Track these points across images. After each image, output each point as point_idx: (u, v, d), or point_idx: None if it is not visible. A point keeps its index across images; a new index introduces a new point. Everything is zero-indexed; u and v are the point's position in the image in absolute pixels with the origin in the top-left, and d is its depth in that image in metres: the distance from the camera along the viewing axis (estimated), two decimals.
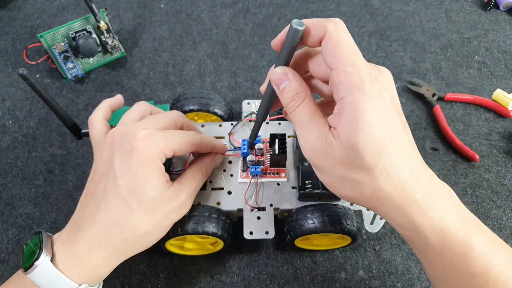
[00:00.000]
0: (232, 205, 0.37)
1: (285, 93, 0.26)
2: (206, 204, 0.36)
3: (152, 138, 0.30)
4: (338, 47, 0.23)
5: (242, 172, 0.38)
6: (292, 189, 0.38)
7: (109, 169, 0.29)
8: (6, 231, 0.41)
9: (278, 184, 0.38)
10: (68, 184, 0.44)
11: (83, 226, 0.29)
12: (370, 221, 0.37)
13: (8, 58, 0.54)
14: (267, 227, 0.35)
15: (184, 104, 0.41)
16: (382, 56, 0.56)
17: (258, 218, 0.36)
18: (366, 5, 0.61)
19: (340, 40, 0.23)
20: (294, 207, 0.37)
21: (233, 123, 0.42)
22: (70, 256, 0.28)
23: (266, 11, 0.60)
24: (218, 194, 0.37)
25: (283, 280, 0.39)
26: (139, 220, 0.29)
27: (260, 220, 0.36)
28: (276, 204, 0.37)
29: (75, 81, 0.52)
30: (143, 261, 0.39)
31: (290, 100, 0.26)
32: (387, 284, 0.39)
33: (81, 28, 0.49)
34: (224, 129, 0.42)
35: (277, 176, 0.38)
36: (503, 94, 0.50)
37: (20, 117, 0.49)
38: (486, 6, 0.61)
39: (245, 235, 0.35)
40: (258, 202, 0.37)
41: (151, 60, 0.54)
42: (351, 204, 0.37)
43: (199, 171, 0.34)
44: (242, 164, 0.38)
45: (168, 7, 0.60)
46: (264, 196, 0.37)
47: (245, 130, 0.41)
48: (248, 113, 0.42)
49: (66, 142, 0.47)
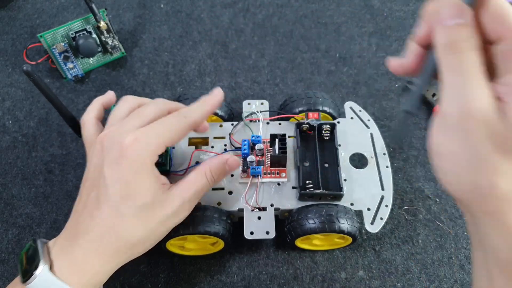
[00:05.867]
0: (233, 205, 0.37)
1: (457, 29, 0.19)
2: (207, 204, 0.36)
3: (140, 142, 0.29)
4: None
5: (242, 172, 0.38)
6: (293, 189, 0.38)
7: (100, 177, 0.29)
8: (6, 231, 0.41)
9: (278, 184, 0.38)
10: (68, 184, 0.44)
11: (79, 234, 0.28)
12: (370, 221, 0.37)
13: (8, 58, 0.54)
14: (268, 227, 0.36)
15: (185, 104, 0.41)
16: (382, 56, 0.56)
17: (258, 218, 0.36)
18: (366, 5, 0.61)
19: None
20: (295, 207, 0.37)
21: (233, 123, 0.42)
22: (68, 264, 0.28)
23: (266, 11, 0.60)
24: (218, 194, 0.37)
25: (283, 280, 0.39)
26: (132, 228, 0.29)
27: (260, 220, 0.36)
28: (276, 204, 0.37)
29: (75, 81, 0.52)
30: (143, 261, 0.39)
31: (463, 35, 0.19)
32: (387, 284, 0.39)
33: (81, 28, 0.49)
34: (225, 129, 0.42)
35: (277, 176, 0.38)
36: None
37: (20, 117, 0.49)
38: None
39: (245, 235, 0.35)
40: (259, 202, 0.37)
41: (151, 60, 0.54)
42: (351, 204, 0.37)
43: (203, 175, 0.32)
44: (243, 164, 0.38)
45: (168, 7, 0.60)
46: (264, 196, 0.37)
47: (246, 130, 0.41)
48: (248, 113, 0.42)
49: (66, 142, 0.47)
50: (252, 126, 0.41)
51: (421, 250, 0.41)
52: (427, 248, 0.41)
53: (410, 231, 0.42)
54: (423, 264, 0.40)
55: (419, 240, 0.41)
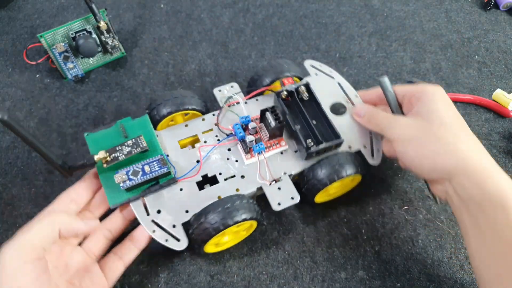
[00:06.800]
0: (251, 187, 0.38)
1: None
2: (226, 194, 0.37)
3: None
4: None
5: (246, 154, 0.39)
6: (295, 153, 0.40)
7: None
8: (6, 231, 0.41)
9: (281, 153, 0.40)
10: (68, 184, 0.44)
11: None
12: (370, 156, 0.41)
13: (8, 58, 0.54)
14: (290, 193, 0.38)
15: (160, 109, 0.40)
16: (382, 56, 0.56)
17: (279, 189, 0.38)
18: (366, 5, 0.61)
19: None
20: (305, 167, 0.39)
21: (214, 113, 0.42)
22: None
23: (266, 11, 0.60)
24: (233, 182, 0.38)
25: (283, 280, 0.39)
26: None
27: (281, 190, 0.38)
28: (288, 170, 0.39)
29: (75, 81, 0.52)
30: (143, 261, 0.39)
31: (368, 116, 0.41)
32: (387, 284, 0.39)
33: (81, 28, 0.49)
34: (208, 121, 0.42)
35: (278, 146, 0.40)
36: (503, 94, 0.50)
37: (20, 117, 0.49)
38: (486, 6, 0.61)
39: (274, 208, 0.37)
40: (273, 175, 0.39)
41: (151, 60, 0.54)
42: (349, 147, 0.41)
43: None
44: (243, 147, 0.39)
45: (168, 7, 0.60)
46: (274, 168, 0.39)
47: (230, 116, 0.42)
48: (226, 98, 0.43)
49: (66, 142, 0.47)
50: (235, 110, 0.43)
51: (421, 250, 0.41)
52: (427, 248, 0.41)
53: (410, 231, 0.42)
54: (423, 264, 0.40)
55: (419, 240, 0.41)
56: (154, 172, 0.36)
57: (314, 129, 0.40)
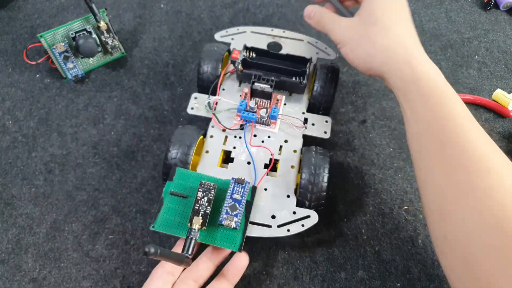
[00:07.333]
0: (298, 142, 0.41)
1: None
2: (291, 165, 0.39)
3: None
4: None
5: (269, 126, 0.41)
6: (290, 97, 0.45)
7: None
8: (6, 231, 0.41)
9: (285, 104, 0.44)
10: (68, 184, 0.44)
11: None
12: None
13: (8, 58, 0.54)
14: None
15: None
16: None
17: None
18: None
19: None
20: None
21: (213, 126, 0.42)
22: None
23: (266, 11, 0.60)
24: (286, 151, 0.40)
25: (283, 280, 0.39)
26: None
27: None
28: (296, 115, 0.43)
29: (75, 81, 0.52)
30: (143, 261, 0.39)
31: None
32: (387, 284, 0.39)
33: (81, 28, 0.49)
34: (216, 134, 0.41)
35: (280, 100, 0.43)
36: (503, 94, 0.50)
37: (20, 117, 0.49)
38: (486, 6, 0.61)
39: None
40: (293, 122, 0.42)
41: (151, 60, 0.54)
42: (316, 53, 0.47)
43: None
44: (264, 123, 0.41)
45: (168, 7, 0.60)
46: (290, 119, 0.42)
47: (227, 115, 0.43)
48: (206, 106, 0.43)
49: (66, 142, 0.47)
50: (223, 109, 0.43)
51: (421, 250, 0.41)
52: (427, 248, 0.41)
53: (410, 231, 0.42)
54: (423, 264, 0.40)
55: (419, 240, 0.41)
56: (244, 193, 0.35)
57: (287, 68, 0.43)
